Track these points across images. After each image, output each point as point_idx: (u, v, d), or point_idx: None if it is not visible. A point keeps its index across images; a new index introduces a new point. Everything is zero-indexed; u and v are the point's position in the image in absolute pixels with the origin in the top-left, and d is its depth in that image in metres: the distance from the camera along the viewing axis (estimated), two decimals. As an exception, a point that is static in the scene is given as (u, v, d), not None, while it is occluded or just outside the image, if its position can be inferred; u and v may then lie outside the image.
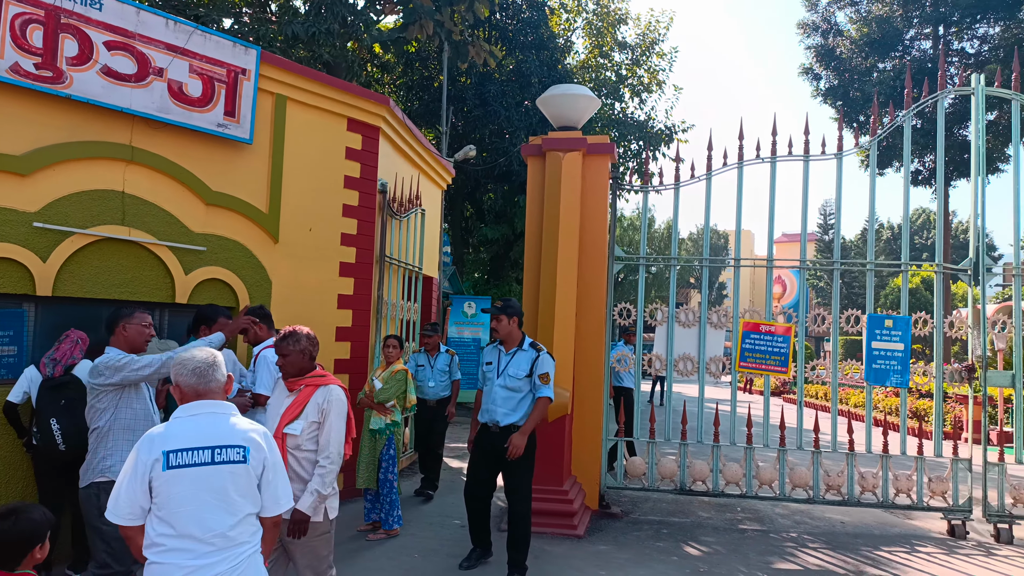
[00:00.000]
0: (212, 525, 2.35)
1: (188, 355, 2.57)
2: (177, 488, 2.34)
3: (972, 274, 6.66)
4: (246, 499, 2.45)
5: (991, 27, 23.36)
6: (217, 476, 2.39)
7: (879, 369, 6.58)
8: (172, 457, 2.36)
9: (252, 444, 2.49)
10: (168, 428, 2.46)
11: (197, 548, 2.32)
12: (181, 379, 2.52)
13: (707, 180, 7.09)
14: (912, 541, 6.17)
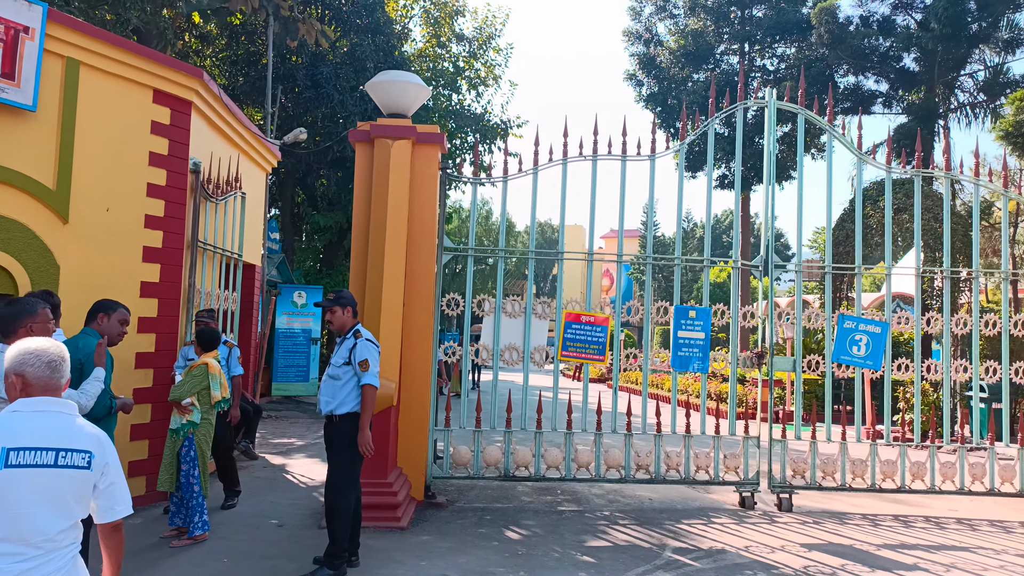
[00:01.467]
0: (45, 529, 2.20)
1: (40, 346, 2.36)
2: (13, 490, 2.16)
3: (763, 270, 7.39)
4: (81, 504, 2.31)
5: (788, 47, 26.08)
6: (58, 481, 2.23)
7: (683, 356, 7.12)
8: (12, 456, 2.18)
9: (96, 449, 2.35)
10: (9, 422, 2.24)
11: (26, 552, 2.17)
12: (31, 370, 2.31)
13: (534, 175, 7.29)
14: (709, 513, 6.76)
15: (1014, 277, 8.20)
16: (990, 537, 6.31)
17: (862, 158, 7.47)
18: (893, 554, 5.66)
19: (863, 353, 7.17)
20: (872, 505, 7.40)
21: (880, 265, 7.75)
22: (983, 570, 5.32)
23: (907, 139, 19.48)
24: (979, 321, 7.42)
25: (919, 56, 21.66)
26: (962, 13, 19.95)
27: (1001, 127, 16.01)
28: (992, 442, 7.37)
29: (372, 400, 4.73)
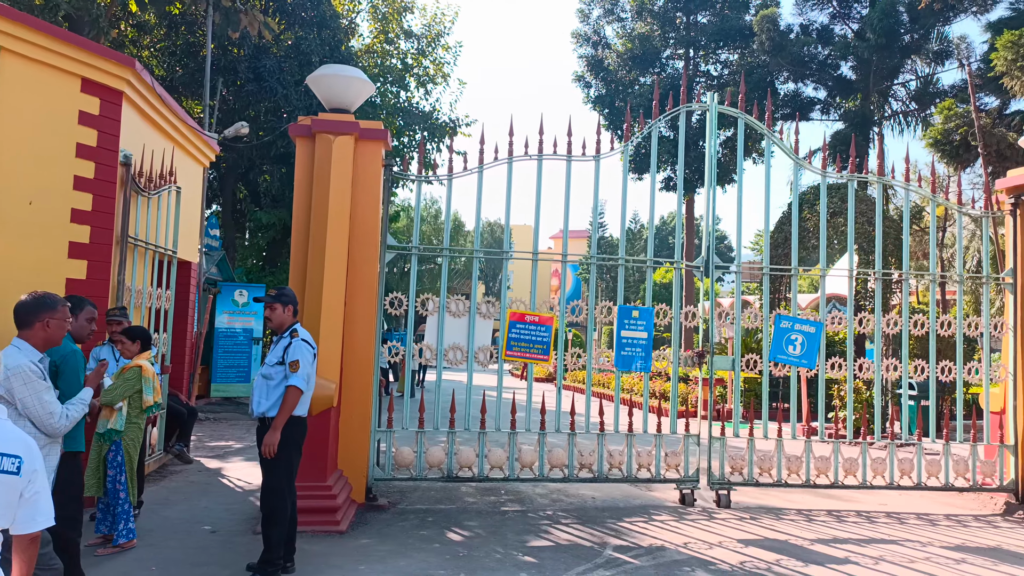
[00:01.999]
0: None
1: None
2: None
3: (704, 270, 7.51)
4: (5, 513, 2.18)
5: (731, 53, 26.66)
6: None
7: (626, 356, 7.18)
8: None
9: (26, 454, 2.22)
10: None
11: None
12: None
13: (478, 173, 7.25)
14: (650, 511, 6.84)
15: (942, 279, 8.53)
16: (917, 530, 6.54)
17: (799, 163, 7.66)
18: (826, 548, 5.81)
19: (798, 352, 7.36)
20: (807, 500, 7.59)
21: (817, 267, 7.96)
22: (910, 562, 5.50)
23: (844, 145, 20.14)
24: (908, 322, 7.69)
25: (856, 65, 22.41)
26: (895, 24, 20.72)
27: (930, 135, 16.68)
28: (920, 438, 7.65)
29: (292, 403, 4.56)
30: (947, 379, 7.79)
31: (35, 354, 3.29)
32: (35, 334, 3.28)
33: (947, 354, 9.09)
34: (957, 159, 16.37)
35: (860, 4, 22.89)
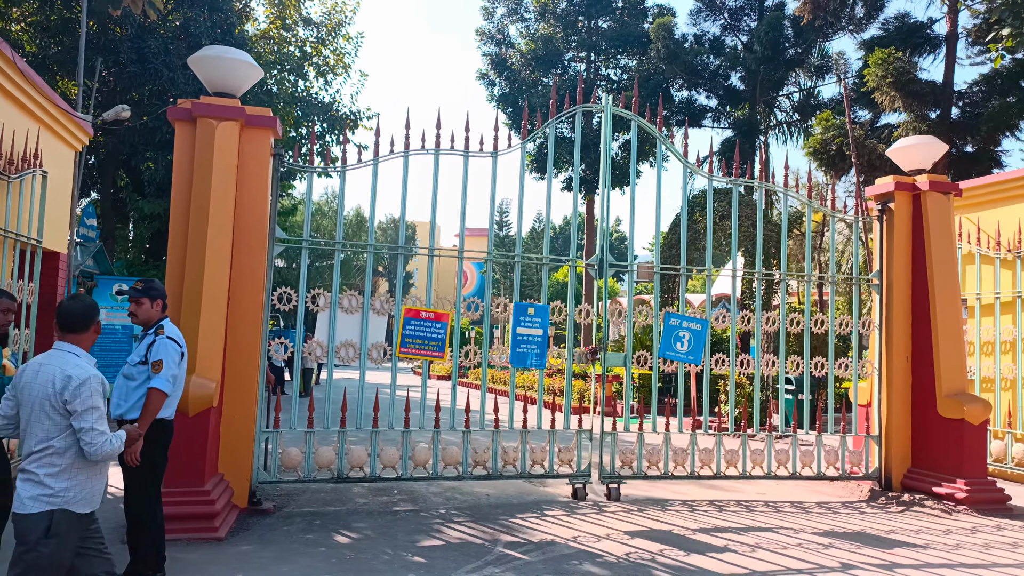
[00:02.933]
0: None
1: None
2: None
3: (599, 269, 7.64)
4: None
5: (630, 59, 27.41)
6: None
7: (521, 352, 7.21)
8: None
9: None
10: None
11: None
12: None
13: (373, 166, 7.08)
14: (543, 506, 6.89)
15: (818, 280, 9.06)
16: (791, 517, 6.91)
17: (690, 167, 7.93)
18: (707, 537, 6.04)
19: (686, 349, 7.62)
20: (692, 491, 7.88)
21: (705, 268, 8.27)
22: (783, 548, 5.80)
23: (732, 152, 21.10)
24: (786, 320, 8.12)
25: (744, 75, 23.55)
26: (781, 38, 21.91)
27: (810, 144, 17.74)
28: (795, 430, 8.09)
29: (155, 407, 4.19)
30: (820, 374, 8.27)
31: None
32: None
33: (821, 351, 9.67)
34: (834, 168, 17.48)
35: (749, 17, 24.06)
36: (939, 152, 8.44)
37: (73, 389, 3.03)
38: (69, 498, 3.02)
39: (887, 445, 8.16)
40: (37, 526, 2.96)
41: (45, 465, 3.02)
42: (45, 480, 2.99)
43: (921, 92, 16.75)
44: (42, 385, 3.06)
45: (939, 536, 6.32)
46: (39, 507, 2.97)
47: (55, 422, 3.06)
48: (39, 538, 2.94)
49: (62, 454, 3.05)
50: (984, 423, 7.68)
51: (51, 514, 2.98)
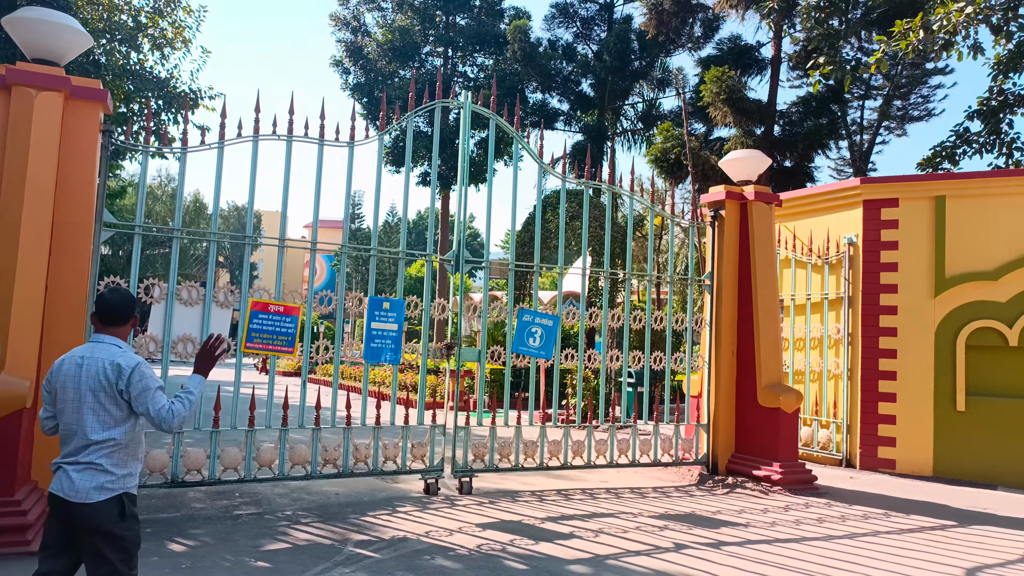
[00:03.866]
0: None
1: None
2: None
3: (455, 265, 7.68)
4: None
5: (487, 58, 27.73)
6: None
7: (376, 348, 7.10)
8: None
9: None
10: None
11: None
12: None
13: (219, 150, 6.68)
14: (395, 503, 6.84)
15: (658, 280, 9.65)
16: (631, 503, 7.33)
17: (544, 167, 8.17)
18: (555, 525, 6.27)
19: (538, 344, 7.85)
20: (541, 482, 8.14)
21: (557, 266, 8.55)
22: (624, 532, 6.14)
23: (583, 155, 21.97)
24: (629, 317, 8.59)
25: (594, 83, 24.56)
26: (627, 50, 23.09)
27: (652, 152, 18.85)
28: (635, 421, 8.59)
29: None
30: (659, 368, 8.83)
31: None
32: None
33: (660, 346, 10.33)
34: (673, 175, 18.69)
35: (599, 28, 25.13)
36: (763, 165, 9.28)
37: (127, 377, 3.09)
38: (128, 484, 3.15)
39: (714, 433, 8.87)
40: (111, 512, 3.05)
41: (109, 456, 3.09)
42: (110, 468, 3.08)
43: (749, 109, 18.29)
44: (92, 378, 3.08)
45: (758, 515, 6.97)
46: (106, 495, 3.05)
47: (112, 414, 3.11)
48: (116, 522, 3.05)
49: (126, 445, 3.14)
50: (796, 411, 8.56)
51: (119, 499, 3.09)
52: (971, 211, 9.41)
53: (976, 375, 9.25)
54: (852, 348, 9.99)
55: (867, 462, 9.69)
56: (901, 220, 9.79)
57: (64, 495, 3.02)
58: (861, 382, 9.85)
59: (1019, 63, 14.48)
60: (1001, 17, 11.03)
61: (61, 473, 3.07)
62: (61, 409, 3.12)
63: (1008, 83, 14.96)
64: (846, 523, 6.76)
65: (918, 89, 22.45)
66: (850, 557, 5.65)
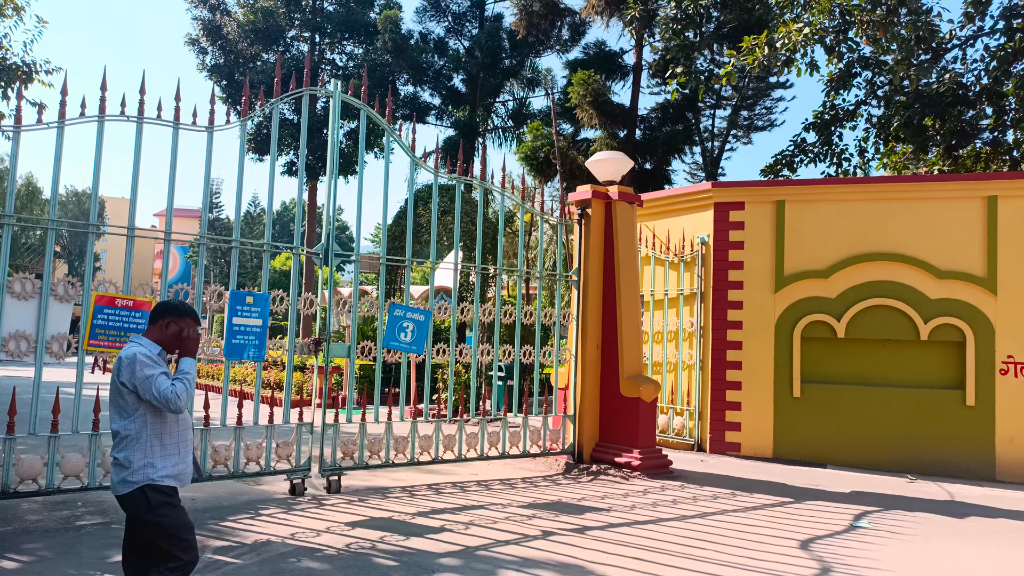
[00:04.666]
0: None
1: None
2: None
3: (323, 258, 7.48)
4: None
5: (356, 47, 27.10)
6: None
7: (238, 344, 6.78)
8: None
9: None
10: None
11: None
12: None
13: (58, 130, 6.11)
14: (257, 506, 6.57)
15: (527, 276, 9.86)
16: (500, 494, 7.47)
17: (416, 161, 8.13)
18: (426, 520, 6.28)
19: (409, 339, 7.81)
20: (412, 477, 8.12)
21: (428, 261, 8.54)
22: (493, 523, 6.25)
23: (456, 150, 22.02)
24: (500, 311, 8.73)
25: (466, 79, 24.68)
26: (498, 49, 23.39)
27: (522, 150, 19.24)
28: (505, 413, 8.75)
29: None
30: (528, 361, 9.05)
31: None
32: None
33: (529, 340, 10.58)
34: (542, 173, 19.16)
35: (471, 24, 25.26)
36: (627, 167, 9.73)
37: (125, 368, 3.25)
38: (149, 474, 3.26)
39: (580, 423, 9.21)
40: (139, 503, 3.25)
41: (123, 449, 3.28)
42: (125, 462, 3.26)
43: (613, 113, 19.09)
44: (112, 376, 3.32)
45: (619, 499, 7.32)
46: (128, 488, 3.25)
47: (120, 407, 3.31)
48: (147, 512, 3.23)
49: (138, 436, 3.28)
50: (655, 400, 9.06)
51: (142, 491, 3.24)
52: (807, 215, 10.35)
53: (810, 364, 10.19)
54: (704, 340, 10.70)
55: (716, 446, 10.43)
56: (747, 222, 10.59)
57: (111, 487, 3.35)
58: (711, 372, 10.57)
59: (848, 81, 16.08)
60: (833, 39, 12.20)
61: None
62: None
63: (839, 99, 16.58)
64: (698, 503, 7.26)
65: (762, 101, 24.35)
66: (701, 535, 6.07)
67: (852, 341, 10.02)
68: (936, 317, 9.59)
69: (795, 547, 5.81)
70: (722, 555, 5.52)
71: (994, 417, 9.27)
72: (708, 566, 5.24)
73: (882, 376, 9.91)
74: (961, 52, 15.97)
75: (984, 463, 9.25)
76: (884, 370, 9.92)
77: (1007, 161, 16.58)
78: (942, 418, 9.49)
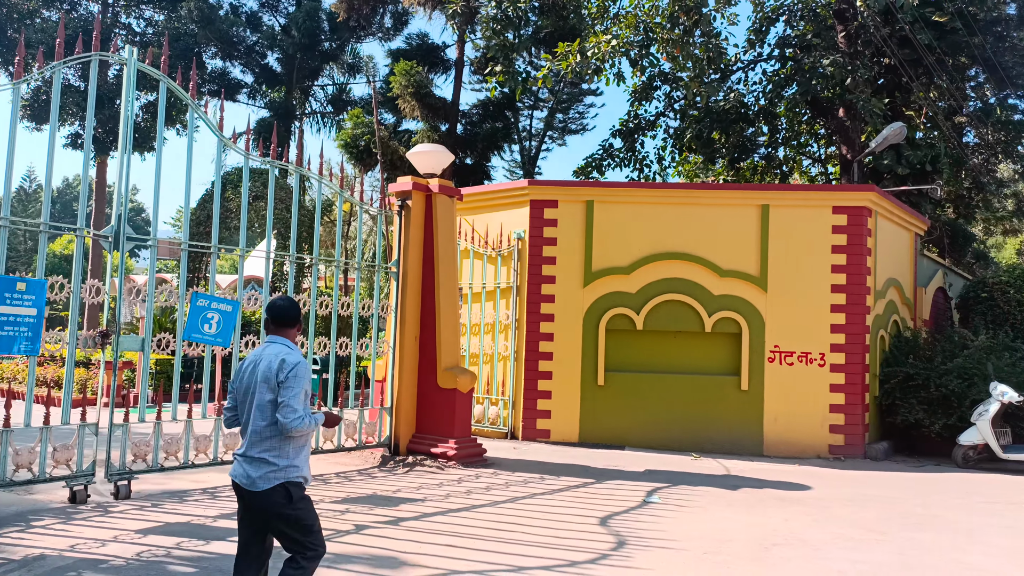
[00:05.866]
0: None
1: None
2: None
3: (113, 242, 6.79)
4: None
5: (158, 13, 24.80)
6: None
7: (7, 336, 5.96)
8: None
9: None
10: None
11: None
12: None
13: None
14: (28, 517, 5.84)
15: (346, 266, 9.66)
16: (314, 490, 7.10)
17: (225, 141, 7.62)
18: (229, 523, 5.93)
19: (214, 331, 7.33)
20: (215, 479, 7.62)
21: (238, 248, 8.05)
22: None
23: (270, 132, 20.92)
24: (316, 303, 8.46)
25: (282, 58, 23.53)
26: (317, 30, 22.56)
27: (342, 137, 18.74)
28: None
29: None
30: (345, 354, 8.86)
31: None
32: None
33: (346, 332, 10.35)
34: (362, 162, 18.79)
35: (288, 1, 24.11)
36: (447, 160, 9.83)
37: (287, 371, 3.39)
38: (291, 474, 3.43)
39: (397, 415, 9.19)
40: (279, 498, 3.39)
41: (271, 448, 3.41)
42: (272, 460, 3.40)
43: (436, 106, 19.16)
44: (263, 372, 3.43)
45: (434, 489, 7.41)
46: (268, 482, 3.38)
47: (275, 405, 3.40)
48: (285, 506, 3.39)
49: (285, 436, 3.41)
50: (471, 391, 9.26)
51: (284, 487, 3.40)
52: (613, 215, 11.09)
53: (613, 354, 10.95)
54: (519, 332, 11.11)
55: (528, 433, 10.89)
56: (560, 219, 11.14)
57: (240, 482, 3.45)
58: (524, 362, 11.01)
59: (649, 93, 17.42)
60: (637, 53, 13.16)
61: (237, 463, 3.48)
62: (240, 405, 3.57)
63: (642, 109, 17.93)
64: (509, 489, 7.55)
65: (576, 106, 25.69)
66: (512, 518, 6.33)
67: (649, 333, 10.90)
68: (719, 311, 10.71)
69: (595, 524, 6.24)
70: (530, 535, 5.79)
71: (763, 400, 10.55)
72: (517, 547, 5.48)
73: (674, 364, 10.89)
74: (744, 74, 17.94)
75: (755, 441, 10.50)
76: (676, 359, 10.92)
77: (778, 174, 18.89)
78: (722, 401, 10.64)
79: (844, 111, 15.76)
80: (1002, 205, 23.14)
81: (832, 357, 10.50)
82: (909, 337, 11.92)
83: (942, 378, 10.43)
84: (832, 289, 10.63)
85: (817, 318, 10.59)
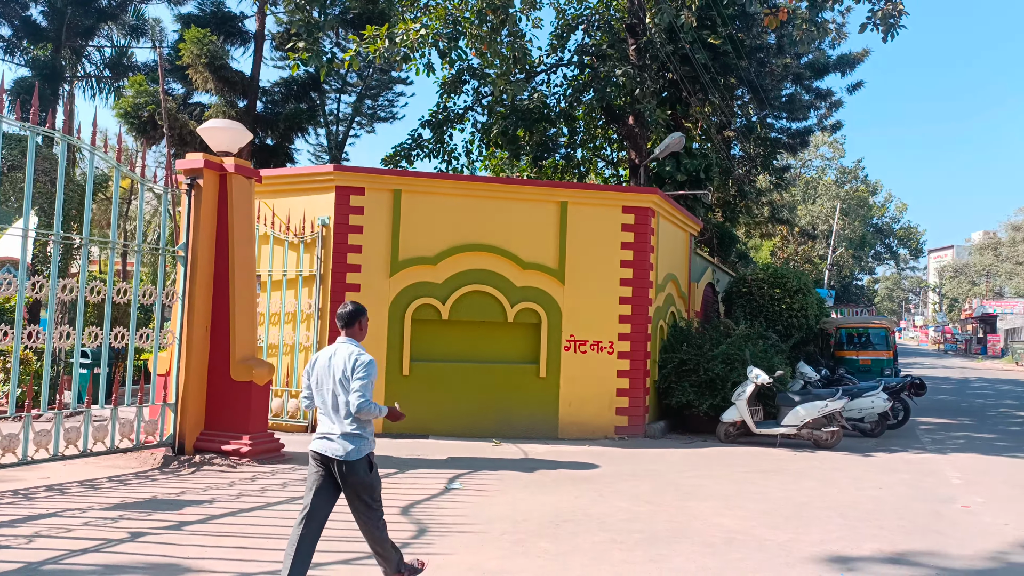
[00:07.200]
0: None
1: None
2: None
3: None
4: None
5: None
6: None
7: None
8: None
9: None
10: None
11: None
12: None
13: None
14: None
15: (124, 249, 8.71)
16: (79, 497, 6.51)
17: (-31, 99, 6.55)
18: (-27, 539, 5.16)
19: (-47, 320, 6.28)
20: (-47, 491, 6.57)
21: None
22: (69, 531, 5.43)
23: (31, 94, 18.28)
24: (86, 288, 7.57)
25: (49, 12, 20.65)
26: (94, -17, 20.06)
27: (122, 106, 16.88)
28: (89, 405, 7.64)
29: None
30: (121, 345, 8.03)
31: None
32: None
33: (123, 321, 9.37)
34: (145, 135, 17.07)
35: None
36: (245, 139, 9.23)
37: (360, 366, 4.30)
38: (372, 447, 4.35)
39: (183, 411, 8.50)
40: (364, 466, 4.28)
41: (361, 426, 4.30)
42: (361, 434, 4.29)
43: (232, 80, 17.89)
44: (339, 366, 4.33)
45: (225, 489, 6.97)
46: (359, 454, 4.26)
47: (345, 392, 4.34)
48: (366, 474, 4.28)
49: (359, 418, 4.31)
50: (268, 384, 8.82)
51: (367, 458, 4.31)
52: (420, 205, 11.09)
53: (418, 344, 10.98)
54: (321, 322, 10.75)
55: (330, 426, 10.57)
56: (366, 207, 10.93)
57: (330, 454, 4.23)
58: (328, 353, 10.67)
59: (459, 87, 17.64)
60: (447, 45, 13.25)
61: (325, 439, 4.27)
62: (319, 392, 4.38)
63: (451, 102, 18.10)
64: (308, 483, 7.29)
65: (385, 93, 25.31)
66: (310, 513, 6.12)
67: (455, 323, 11.07)
68: (520, 302, 11.14)
69: (397, 513, 6.24)
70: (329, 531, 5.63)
71: (559, 386, 11.16)
72: (315, 543, 5.31)
73: (478, 354, 11.16)
74: (547, 77, 18.78)
75: (551, 425, 11.08)
76: (479, 349, 11.19)
77: (576, 174, 20.03)
78: (521, 389, 11.09)
79: (633, 119, 17.05)
80: (760, 212, 26.44)
81: (619, 345, 11.36)
82: (683, 327, 13.23)
83: (709, 363, 11.71)
84: (620, 282, 11.49)
85: (607, 309, 11.39)
